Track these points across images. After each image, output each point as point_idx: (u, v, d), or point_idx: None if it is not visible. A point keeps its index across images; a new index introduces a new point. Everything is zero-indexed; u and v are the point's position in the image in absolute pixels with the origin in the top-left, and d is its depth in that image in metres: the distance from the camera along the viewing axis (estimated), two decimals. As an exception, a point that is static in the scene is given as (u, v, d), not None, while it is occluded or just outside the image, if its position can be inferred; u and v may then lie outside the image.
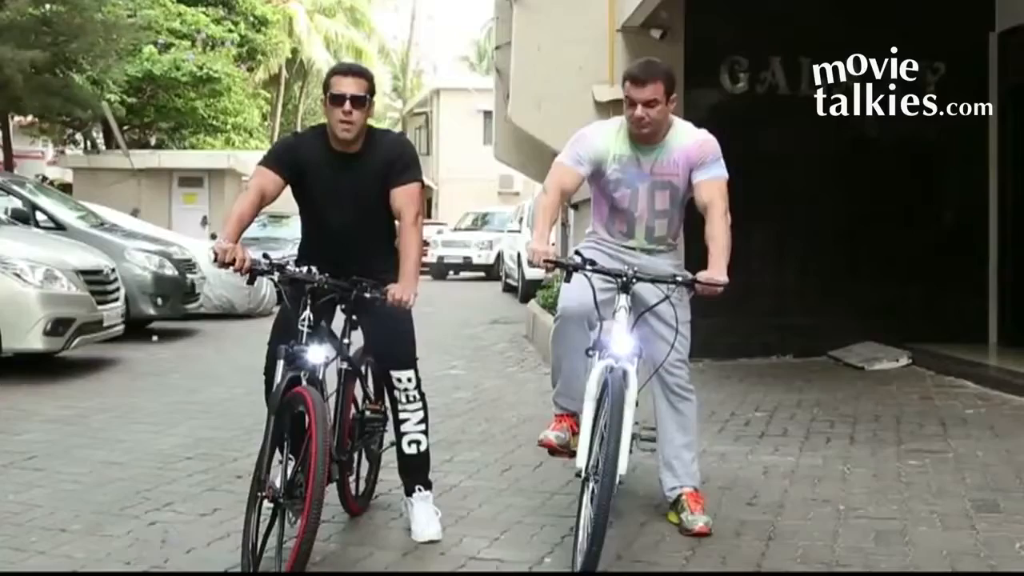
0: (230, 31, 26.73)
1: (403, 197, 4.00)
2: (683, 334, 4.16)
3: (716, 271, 3.88)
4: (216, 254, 3.73)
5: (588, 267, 3.90)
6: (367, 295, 3.84)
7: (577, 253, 4.01)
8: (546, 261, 3.89)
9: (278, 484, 3.56)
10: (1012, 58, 8.93)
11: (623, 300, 3.89)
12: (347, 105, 3.89)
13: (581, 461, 3.68)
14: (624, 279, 3.89)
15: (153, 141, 26.93)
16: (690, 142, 4.18)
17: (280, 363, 3.74)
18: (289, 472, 3.59)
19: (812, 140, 8.72)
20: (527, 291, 15.33)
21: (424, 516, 4.10)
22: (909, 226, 9.14)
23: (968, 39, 9.03)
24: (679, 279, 3.94)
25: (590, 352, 3.90)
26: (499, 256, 23.29)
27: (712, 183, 4.11)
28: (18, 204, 10.90)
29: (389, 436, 4.29)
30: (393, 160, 4.01)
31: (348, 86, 3.92)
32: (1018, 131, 8.97)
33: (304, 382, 3.69)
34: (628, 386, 3.70)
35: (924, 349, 8.50)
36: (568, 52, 8.91)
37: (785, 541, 4.07)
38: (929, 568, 3.77)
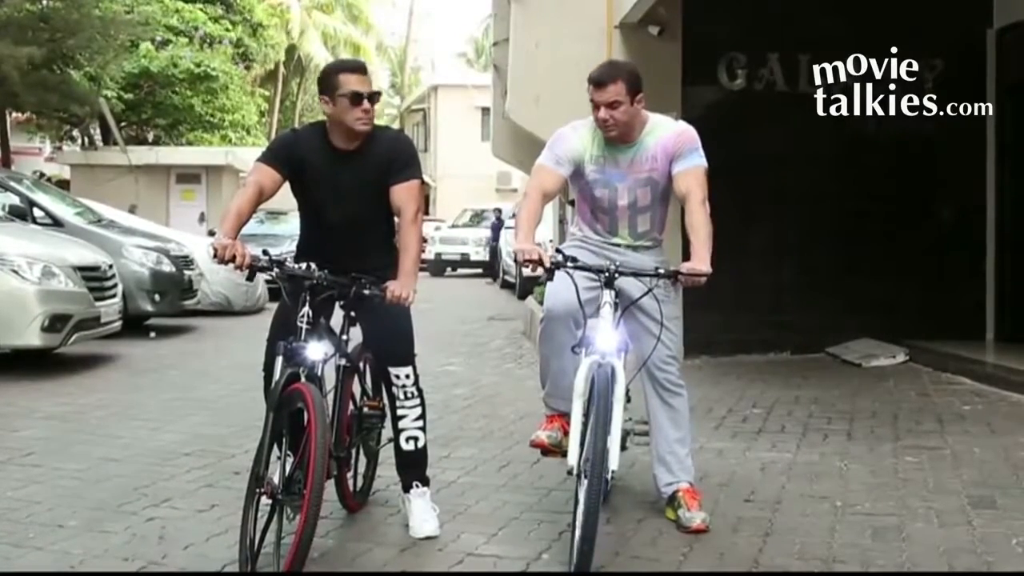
0: (228, 30, 26.72)
1: (403, 194, 3.99)
2: (670, 330, 4.15)
3: (698, 261, 3.88)
4: (216, 251, 3.72)
5: (569, 264, 3.90)
6: (366, 292, 3.84)
7: (559, 251, 4.01)
8: (527, 260, 3.89)
9: (276, 480, 3.55)
10: (1009, 55, 8.93)
11: (607, 296, 3.89)
12: (366, 103, 3.92)
13: (572, 459, 3.69)
14: (607, 274, 3.90)
15: (151, 137, 26.92)
16: (667, 134, 4.17)
17: (279, 359, 3.73)
18: (288, 468, 3.58)
19: (810, 137, 8.72)
20: (525, 288, 15.33)
21: (422, 512, 4.11)
22: (907, 223, 9.14)
23: (966, 36, 9.03)
24: (661, 271, 3.95)
25: (576, 349, 3.89)
26: (496, 252, 23.27)
27: (689, 173, 4.10)
28: (15, 200, 10.88)
29: (387, 432, 4.28)
30: (393, 157, 4.01)
31: (365, 84, 3.95)
32: (1016, 128, 8.98)
33: (303, 378, 3.68)
34: (616, 381, 3.70)
35: (921, 346, 8.50)
36: (566, 48, 8.90)
37: (782, 537, 4.08)
38: (926, 564, 3.77)
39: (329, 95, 3.94)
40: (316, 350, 3.75)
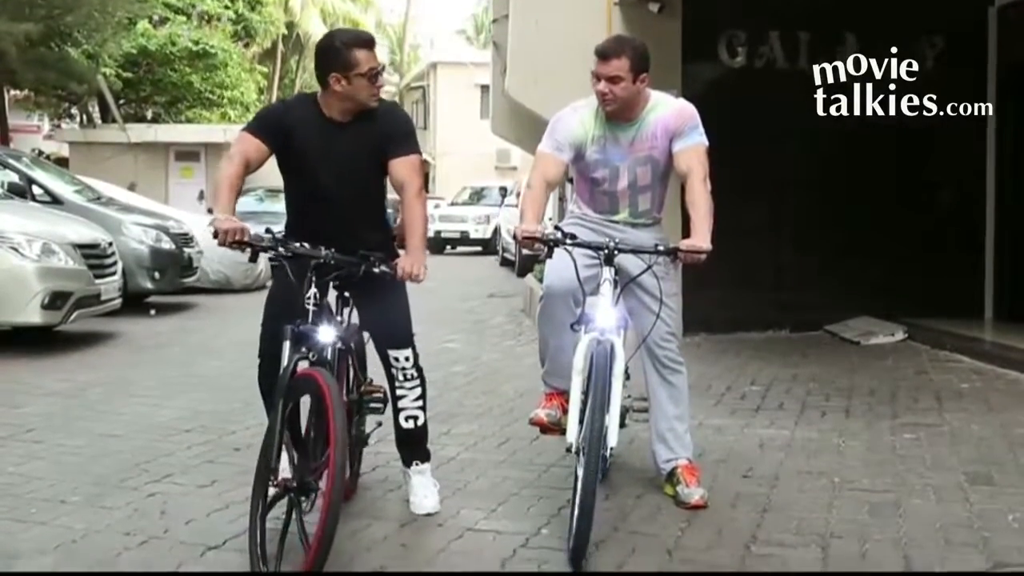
0: (227, 7, 26.60)
1: (405, 169, 3.88)
2: (669, 306, 4.16)
3: (698, 238, 3.88)
4: (216, 232, 3.50)
5: (568, 241, 3.89)
6: (376, 270, 3.66)
7: (557, 229, 4.01)
8: (526, 238, 3.89)
9: (288, 473, 3.38)
10: (1011, 33, 8.89)
11: (607, 273, 3.89)
12: (380, 80, 3.88)
13: (571, 436, 3.70)
14: (606, 251, 3.89)
15: (149, 115, 26.86)
16: (667, 112, 4.16)
17: (286, 344, 3.51)
18: (301, 458, 3.42)
19: (810, 115, 8.66)
20: (524, 265, 15.33)
21: (422, 488, 4.12)
22: (907, 202, 9.13)
23: (967, 13, 8.99)
24: (661, 248, 3.94)
25: (575, 327, 3.89)
26: (496, 230, 23.27)
27: (690, 151, 4.09)
28: (15, 178, 10.86)
29: (376, 418, 4.16)
30: (390, 131, 3.91)
31: (376, 59, 3.85)
32: (1017, 108, 8.95)
33: (309, 364, 3.49)
34: (615, 358, 3.71)
35: (920, 324, 8.52)
36: (566, 26, 8.85)
37: (780, 513, 4.10)
38: (923, 540, 3.79)
39: (342, 72, 3.77)
40: (327, 333, 3.55)
